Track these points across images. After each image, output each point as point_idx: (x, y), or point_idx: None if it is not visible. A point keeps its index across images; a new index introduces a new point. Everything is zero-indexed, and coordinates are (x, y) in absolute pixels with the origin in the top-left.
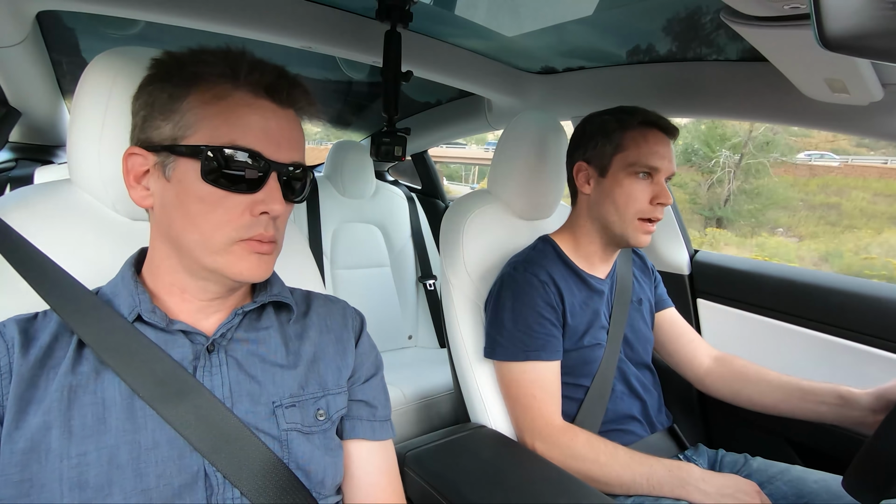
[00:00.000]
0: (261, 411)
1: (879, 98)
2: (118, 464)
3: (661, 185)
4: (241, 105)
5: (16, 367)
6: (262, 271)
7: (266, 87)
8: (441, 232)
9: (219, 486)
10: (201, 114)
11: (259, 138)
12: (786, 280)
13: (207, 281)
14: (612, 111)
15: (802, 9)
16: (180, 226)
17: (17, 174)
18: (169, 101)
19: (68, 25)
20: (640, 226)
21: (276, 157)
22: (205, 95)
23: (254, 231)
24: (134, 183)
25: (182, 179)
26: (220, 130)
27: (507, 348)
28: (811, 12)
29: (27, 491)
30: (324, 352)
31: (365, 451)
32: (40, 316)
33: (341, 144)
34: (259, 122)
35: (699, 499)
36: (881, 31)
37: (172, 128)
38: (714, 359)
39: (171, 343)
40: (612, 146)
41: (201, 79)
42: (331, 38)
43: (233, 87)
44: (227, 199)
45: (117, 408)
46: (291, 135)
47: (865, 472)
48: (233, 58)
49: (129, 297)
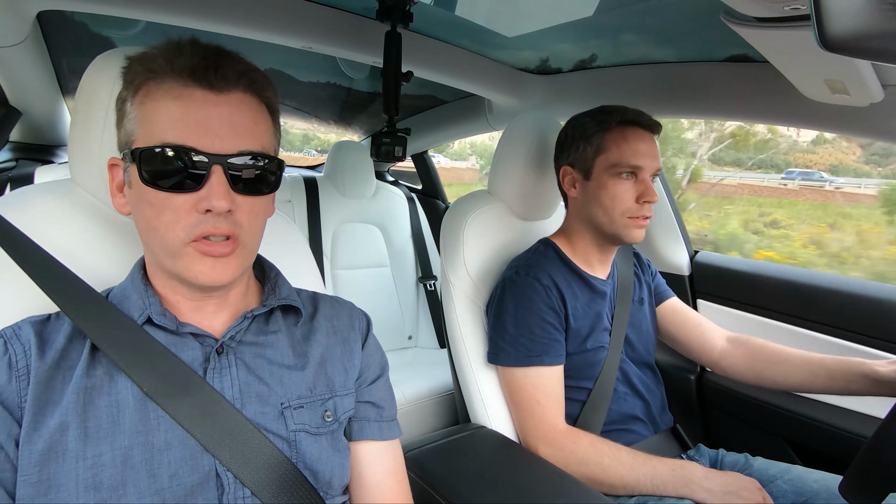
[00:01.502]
0: (269, 412)
1: (880, 99)
2: (132, 464)
3: (645, 184)
4: (168, 98)
5: (33, 368)
6: (219, 274)
7: (191, 73)
8: (441, 232)
9: (230, 486)
10: (139, 116)
11: (193, 131)
12: (786, 281)
13: (181, 283)
14: (591, 112)
15: (802, 9)
16: (144, 231)
17: (17, 174)
18: (122, 106)
19: (69, 25)
20: (630, 223)
21: (216, 148)
22: (140, 95)
23: (201, 228)
24: (116, 192)
25: (135, 184)
26: (153, 129)
27: (510, 353)
28: (811, 13)
29: (45, 491)
30: (331, 353)
31: (372, 452)
32: (53, 318)
33: (341, 144)
34: (190, 112)
35: (703, 497)
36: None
37: (124, 133)
38: (727, 340)
39: (182, 345)
40: (592, 148)
41: (137, 77)
42: (331, 38)
43: (159, 80)
44: (172, 199)
45: (130, 409)
46: (234, 121)
47: (862, 478)
48: (162, 48)
49: (140, 299)
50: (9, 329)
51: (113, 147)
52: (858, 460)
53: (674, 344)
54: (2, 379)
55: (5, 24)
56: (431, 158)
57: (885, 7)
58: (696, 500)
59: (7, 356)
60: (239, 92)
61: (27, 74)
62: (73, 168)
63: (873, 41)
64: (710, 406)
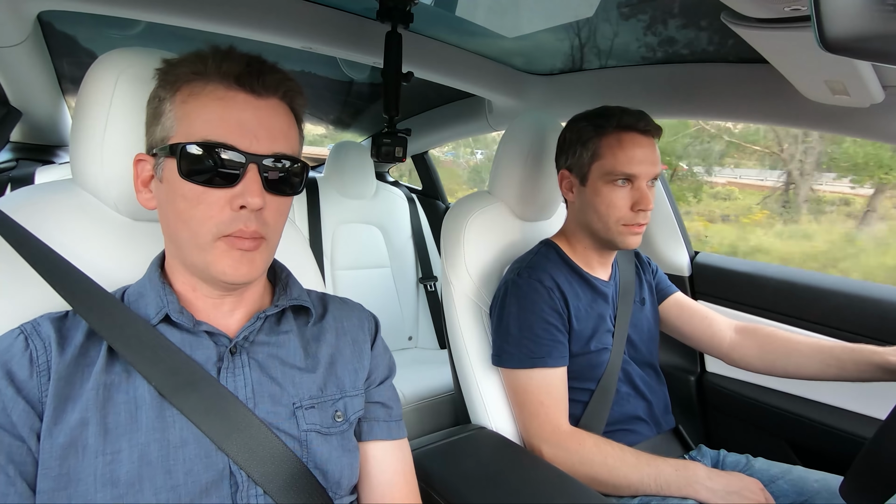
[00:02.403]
0: (281, 412)
1: (880, 100)
2: (148, 461)
3: (640, 191)
4: (212, 99)
5: (54, 364)
6: (245, 270)
7: (236, 78)
8: (442, 233)
9: (243, 484)
10: (179, 113)
11: (233, 131)
12: (786, 282)
13: (203, 280)
14: (590, 115)
15: (803, 10)
16: (173, 224)
17: (17, 174)
18: (159, 105)
19: (69, 26)
20: (624, 230)
21: (253, 148)
22: (182, 95)
23: (234, 226)
24: (141, 187)
25: (169, 179)
26: (195, 127)
27: (513, 355)
28: (812, 14)
29: (64, 484)
30: (341, 354)
31: (381, 452)
32: (70, 314)
33: (342, 145)
34: (232, 114)
35: (706, 497)
36: (882, 33)
37: (161, 130)
38: (736, 330)
39: (196, 344)
40: (588, 154)
41: (179, 78)
42: (332, 38)
43: (204, 82)
44: (207, 194)
45: (147, 406)
46: (271, 124)
47: (863, 479)
48: (204, 54)
49: (157, 297)
50: (28, 325)
51: (116, 147)
52: (859, 461)
53: (682, 338)
54: (23, 374)
55: (6, 24)
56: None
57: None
58: (699, 500)
59: (28, 352)
60: (276, 99)
61: (28, 74)
62: (75, 168)
63: (873, 42)
64: (711, 407)
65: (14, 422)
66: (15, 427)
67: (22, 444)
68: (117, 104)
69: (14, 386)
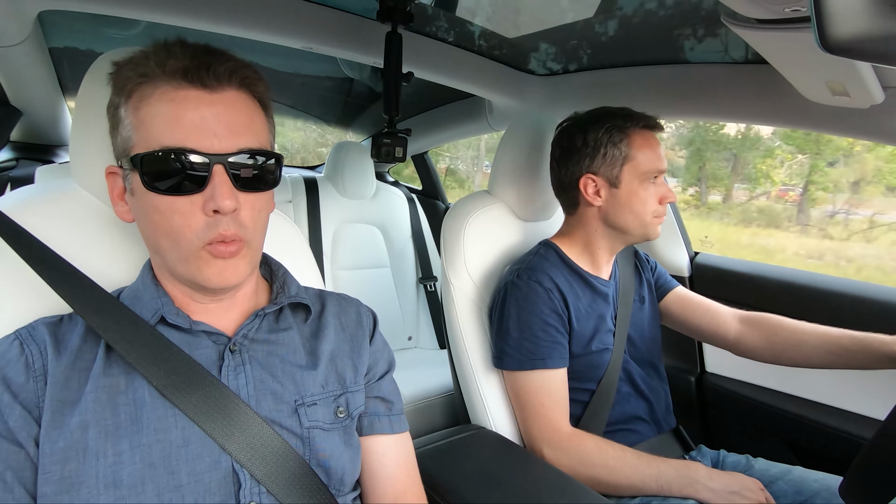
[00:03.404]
0: (284, 409)
1: (880, 101)
2: (151, 462)
3: (664, 185)
4: (163, 101)
5: (51, 369)
6: (230, 275)
7: (184, 74)
8: (442, 233)
9: (246, 483)
10: (134, 121)
11: (190, 132)
12: (785, 282)
13: (192, 287)
14: (604, 118)
15: (803, 11)
16: (153, 236)
17: (17, 174)
18: (115, 112)
19: (70, 25)
20: (656, 222)
21: (216, 148)
22: (133, 101)
23: (213, 233)
24: (117, 199)
25: (138, 191)
26: (151, 134)
27: (513, 357)
28: (812, 15)
29: (66, 489)
30: (340, 350)
31: (383, 446)
32: (66, 319)
33: (342, 145)
34: (186, 114)
35: (707, 497)
36: (882, 34)
37: (121, 141)
38: (741, 321)
39: (195, 344)
40: (621, 157)
41: (128, 82)
42: (332, 38)
43: (153, 84)
44: (178, 203)
45: (148, 407)
46: (230, 119)
47: (862, 480)
48: (146, 52)
49: (152, 300)
50: (24, 330)
51: None
52: (858, 462)
53: (687, 331)
54: (20, 379)
55: (6, 24)
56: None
57: (886, 9)
58: (700, 500)
59: (24, 357)
60: (232, 90)
61: (28, 74)
62: (75, 169)
63: (874, 43)
64: (710, 407)
65: (11, 428)
66: (12, 433)
67: (20, 450)
68: None
69: (10, 392)
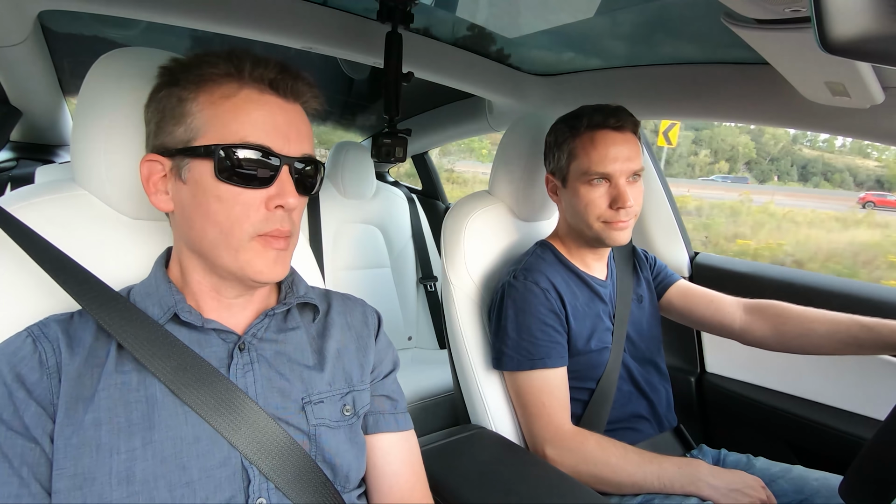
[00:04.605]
0: (291, 407)
1: (880, 101)
2: (163, 458)
3: (618, 189)
4: (247, 102)
5: (64, 366)
6: (280, 269)
7: (270, 83)
8: (442, 233)
9: (255, 479)
10: (210, 114)
11: (268, 133)
12: (786, 282)
13: (230, 281)
14: (566, 117)
15: (803, 11)
16: (200, 226)
17: (17, 174)
18: (179, 105)
19: (70, 25)
20: (606, 227)
21: (286, 150)
22: (212, 96)
23: (270, 226)
24: (153, 189)
25: (198, 180)
26: (230, 128)
27: (512, 358)
28: (812, 15)
29: (80, 484)
30: (347, 349)
31: (389, 444)
32: (77, 316)
33: (342, 145)
34: (267, 117)
35: (709, 494)
36: (882, 34)
37: (185, 131)
38: (746, 310)
39: (205, 342)
40: (565, 156)
41: (208, 80)
42: (332, 39)
43: (238, 85)
44: (243, 195)
45: (160, 404)
46: (299, 128)
47: (862, 480)
48: (236, 57)
49: (165, 296)
50: (35, 327)
51: (118, 147)
52: (858, 461)
53: (692, 324)
54: (34, 376)
55: (6, 23)
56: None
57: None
58: (702, 498)
59: (37, 354)
60: (301, 104)
61: (28, 74)
62: (76, 169)
63: (874, 43)
64: (711, 407)
65: (27, 424)
66: (28, 429)
67: (35, 446)
68: (119, 104)
69: (25, 389)
